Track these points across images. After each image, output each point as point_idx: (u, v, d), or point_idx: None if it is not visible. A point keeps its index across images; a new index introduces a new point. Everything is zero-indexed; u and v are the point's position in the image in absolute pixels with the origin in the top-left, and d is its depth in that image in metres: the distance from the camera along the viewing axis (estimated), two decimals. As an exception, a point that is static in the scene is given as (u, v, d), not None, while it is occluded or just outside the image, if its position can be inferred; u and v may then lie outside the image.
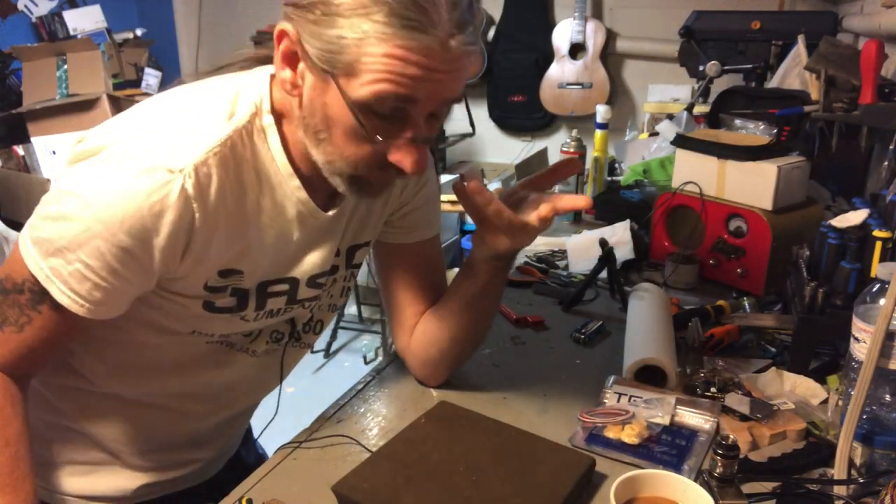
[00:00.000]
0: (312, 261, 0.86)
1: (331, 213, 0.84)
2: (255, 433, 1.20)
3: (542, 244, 1.71)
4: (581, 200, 0.84)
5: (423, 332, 1.01)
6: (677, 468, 0.84)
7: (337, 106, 0.70)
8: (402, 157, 0.73)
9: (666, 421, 0.93)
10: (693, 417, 0.94)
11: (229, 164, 0.74)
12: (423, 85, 0.69)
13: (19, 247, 0.73)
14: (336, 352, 3.56)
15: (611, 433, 0.91)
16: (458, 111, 3.94)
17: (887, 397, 0.80)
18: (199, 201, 0.71)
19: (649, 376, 1.03)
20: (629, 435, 0.90)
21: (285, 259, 0.84)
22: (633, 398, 0.97)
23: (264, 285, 0.83)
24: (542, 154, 3.64)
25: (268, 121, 0.77)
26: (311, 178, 0.80)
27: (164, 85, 4.12)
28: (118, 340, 0.84)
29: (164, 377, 0.89)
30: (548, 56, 3.70)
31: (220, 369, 0.90)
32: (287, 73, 0.73)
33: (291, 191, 0.80)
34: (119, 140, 0.72)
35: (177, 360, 0.88)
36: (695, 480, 0.76)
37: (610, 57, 3.67)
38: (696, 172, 1.45)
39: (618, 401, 0.98)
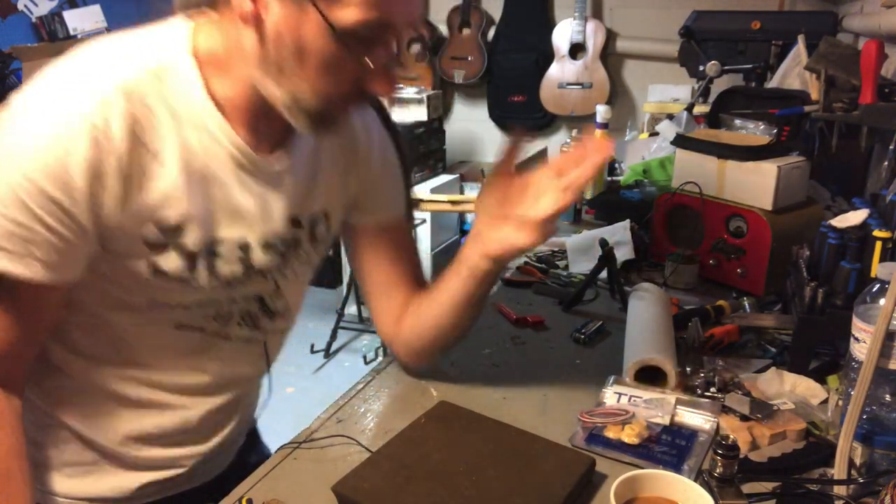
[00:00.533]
0: (264, 220, 0.83)
1: (273, 155, 0.82)
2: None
3: (541, 244, 1.71)
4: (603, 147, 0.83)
5: (410, 327, 1.01)
6: (677, 468, 0.85)
7: (315, 35, 0.70)
8: (379, 83, 0.75)
9: (666, 421, 0.93)
10: (693, 417, 0.94)
11: (141, 104, 0.72)
12: (398, 8, 0.72)
13: None
14: (336, 352, 3.56)
15: (611, 433, 0.91)
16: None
17: (887, 397, 0.80)
18: (109, 142, 0.69)
19: (649, 376, 1.03)
20: (629, 435, 0.90)
21: (229, 214, 0.80)
22: (632, 398, 0.97)
23: (211, 245, 0.80)
24: (543, 154, 3.64)
25: (187, 62, 0.75)
26: (247, 122, 0.78)
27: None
28: (86, 325, 0.83)
29: (141, 367, 0.87)
30: (548, 56, 3.70)
31: (198, 358, 0.89)
32: (248, 5, 0.71)
33: (218, 131, 0.77)
34: (23, 95, 0.71)
35: (152, 349, 0.86)
36: (695, 480, 0.76)
37: (610, 57, 3.67)
38: (696, 172, 1.45)
39: (618, 401, 0.98)
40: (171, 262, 0.78)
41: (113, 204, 0.73)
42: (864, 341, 0.78)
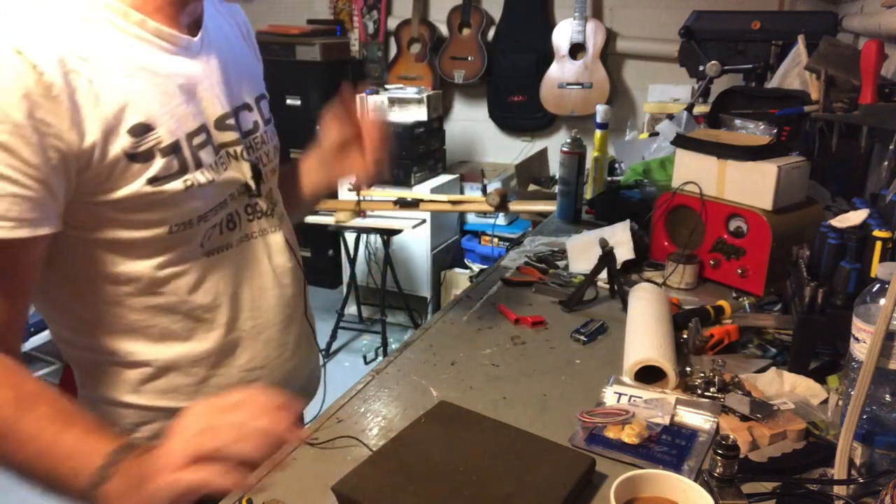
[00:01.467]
0: (209, 100, 0.87)
1: (196, 38, 0.86)
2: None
3: (542, 244, 1.71)
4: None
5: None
6: (677, 468, 0.85)
7: None
8: None
9: (666, 421, 0.93)
10: (693, 417, 0.95)
11: (57, 33, 0.73)
12: None
13: None
14: (336, 352, 3.56)
15: (611, 433, 0.91)
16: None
17: (887, 397, 0.80)
18: (36, 75, 0.69)
19: (649, 376, 1.03)
20: (629, 435, 0.90)
21: (179, 103, 0.82)
22: (632, 398, 0.97)
23: (189, 138, 0.83)
24: (542, 154, 3.64)
25: None
26: (162, 10, 0.82)
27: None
28: (132, 296, 0.86)
29: (203, 320, 0.91)
30: (548, 56, 3.70)
31: (240, 275, 0.94)
32: None
33: (138, 26, 0.80)
34: None
35: (206, 292, 0.90)
36: (695, 480, 0.76)
37: (610, 57, 3.67)
38: (696, 172, 1.45)
39: (618, 401, 0.98)
40: (161, 167, 0.80)
41: (67, 127, 0.72)
42: (864, 341, 0.78)
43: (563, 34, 3.64)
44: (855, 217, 1.06)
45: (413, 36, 3.95)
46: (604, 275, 1.39)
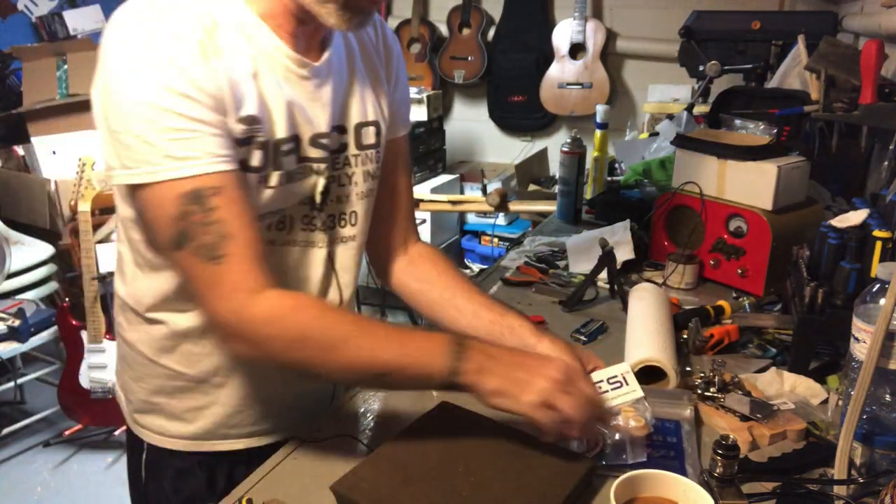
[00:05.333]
0: (309, 121, 0.89)
1: (318, 63, 0.89)
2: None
3: (542, 244, 1.71)
4: None
5: (403, 284, 1.09)
6: (681, 468, 0.84)
7: None
8: None
9: (649, 417, 0.91)
10: (665, 406, 0.94)
11: (209, 20, 0.80)
12: None
13: (144, 201, 0.79)
14: (336, 352, 3.56)
15: (619, 420, 0.89)
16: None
17: (887, 397, 0.80)
18: (200, 47, 0.78)
19: (650, 376, 1.03)
20: (637, 428, 0.88)
21: (283, 113, 0.86)
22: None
23: (278, 144, 0.87)
24: (543, 154, 3.64)
25: None
26: (288, 31, 0.85)
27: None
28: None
29: None
30: (548, 56, 3.70)
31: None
32: None
33: (266, 40, 0.84)
34: (115, 41, 0.78)
35: None
36: (696, 478, 0.76)
37: (610, 57, 3.67)
38: (696, 172, 1.45)
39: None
40: (255, 156, 0.84)
41: (213, 102, 0.78)
42: (864, 341, 0.78)
43: (563, 34, 3.64)
44: (855, 217, 1.06)
45: (413, 36, 3.94)
46: (604, 275, 1.39)
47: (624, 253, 1.49)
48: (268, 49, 0.84)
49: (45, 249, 2.91)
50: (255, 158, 0.84)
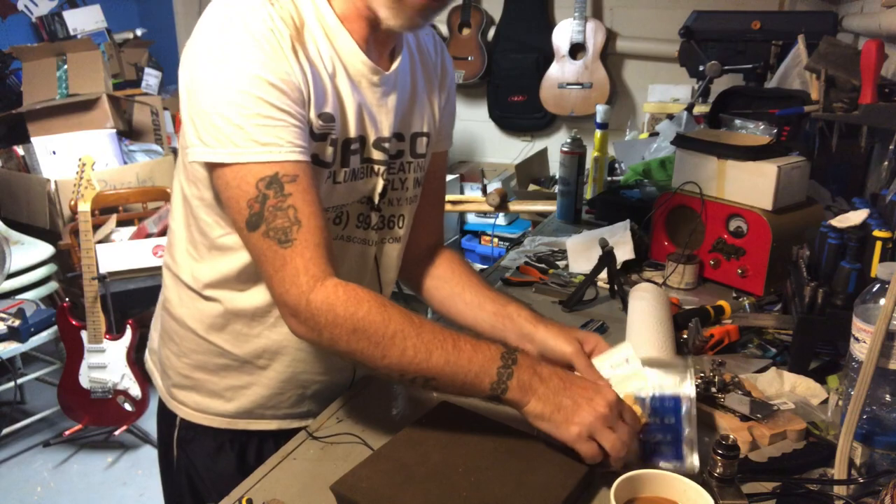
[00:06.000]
0: (376, 124, 0.94)
1: (388, 72, 0.94)
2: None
3: (542, 244, 1.71)
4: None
5: (432, 292, 1.12)
6: (678, 450, 0.83)
7: None
8: None
9: (648, 389, 0.88)
10: (663, 378, 0.88)
11: (296, 15, 0.85)
12: None
13: (223, 180, 0.82)
14: (336, 352, 3.56)
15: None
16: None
17: (887, 397, 0.80)
18: (286, 40, 0.82)
19: (649, 376, 1.03)
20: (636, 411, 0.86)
21: (354, 114, 0.91)
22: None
23: (347, 143, 0.91)
24: (543, 154, 3.64)
25: None
26: (362, 36, 0.90)
27: (164, 85, 4.13)
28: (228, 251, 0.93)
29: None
30: (548, 56, 3.70)
31: None
32: None
33: (344, 43, 0.89)
34: (205, 35, 0.82)
35: None
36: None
37: (610, 57, 3.67)
38: (696, 172, 1.45)
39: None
40: (327, 152, 0.89)
41: (298, 96, 0.83)
42: (864, 341, 0.78)
43: (563, 34, 3.64)
44: (855, 217, 1.06)
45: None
46: (604, 275, 1.39)
47: (624, 253, 1.49)
48: (346, 52, 0.89)
49: (45, 249, 2.91)
50: (328, 154, 0.89)
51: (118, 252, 2.80)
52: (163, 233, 2.93)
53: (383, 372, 0.83)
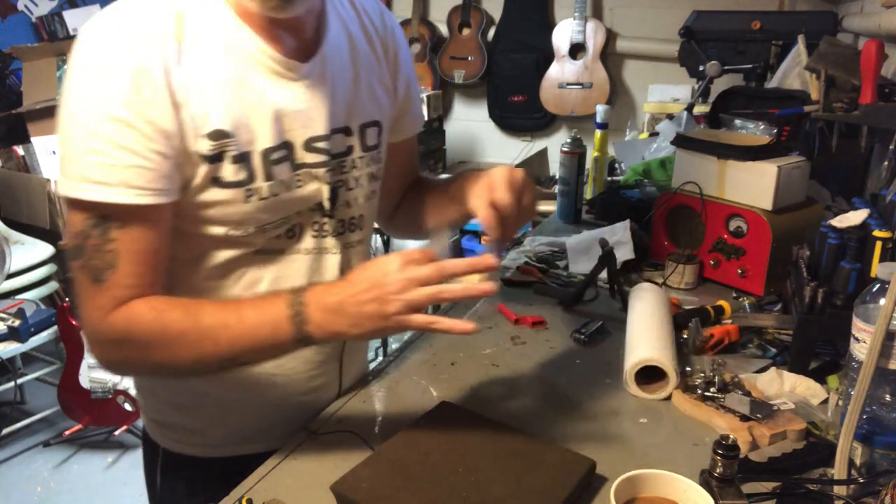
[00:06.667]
0: (303, 123, 0.87)
1: (308, 63, 0.86)
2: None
3: (542, 244, 1.71)
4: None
5: (404, 214, 1.13)
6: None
7: None
8: None
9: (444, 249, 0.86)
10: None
11: (168, 35, 0.77)
12: None
13: (64, 204, 0.80)
14: (336, 352, 3.55)
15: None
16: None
17: (887, 397, 0.80)
18: (147, 71, 0.75)
19: (650, 376, 1.03)
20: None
21: (268, 118, 0.84)
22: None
23: (267, 153, 0.85)
24: (543, 154, 3.64)
25: None
26: (268, 31, 0.83)
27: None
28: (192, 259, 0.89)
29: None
30: (548, 56, 3.70)
31: (282, 282, 0.91)
32: None
33: (245, 41, 0.82)
34: (75, 57, 0.77)
35: (236, 277, 0.90)
36: (695, 477, 0.76)
37: (610, 57, 3.67)
38: (696, 172, 1.45)
39: None
40: (228, 171, 0.82)
41: (169, 119, 0.77)
42: (864, 341, 0.78)
43: (563, 34, 3.64)
44: (855, 217, 1.06)
45: (413, 36, 3.94)
46: (604, 275, 1.39)
47: (624, 253, 1.49)
48: (252, 53, 0.82)
49: (45, 249, 2.91)
50: (230, 173, 0.82)
51: (118, 252, 2.80)
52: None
53: (190, 373, 0.84)
